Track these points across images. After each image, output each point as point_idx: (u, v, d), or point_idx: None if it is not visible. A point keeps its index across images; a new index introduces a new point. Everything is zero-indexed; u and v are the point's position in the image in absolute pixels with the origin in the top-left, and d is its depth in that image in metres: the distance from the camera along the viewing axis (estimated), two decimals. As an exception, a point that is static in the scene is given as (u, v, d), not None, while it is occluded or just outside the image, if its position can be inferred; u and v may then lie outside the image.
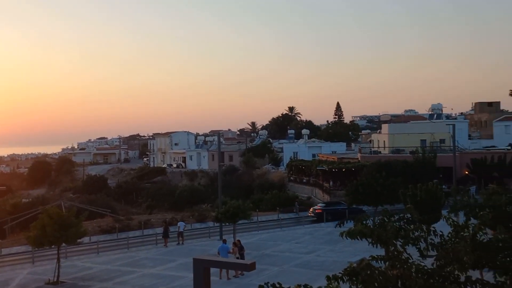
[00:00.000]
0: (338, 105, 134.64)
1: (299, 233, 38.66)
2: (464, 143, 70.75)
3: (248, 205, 35.66)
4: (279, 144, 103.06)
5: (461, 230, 15.76)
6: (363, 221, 18.30)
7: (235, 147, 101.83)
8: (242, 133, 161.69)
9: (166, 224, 37.62)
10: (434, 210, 28.30)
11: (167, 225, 37.44)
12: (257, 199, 60.05)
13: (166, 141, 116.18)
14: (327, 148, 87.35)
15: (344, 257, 28.25)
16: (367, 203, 37.99)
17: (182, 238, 36.62)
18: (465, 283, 11.59)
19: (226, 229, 37.32)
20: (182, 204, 63.96)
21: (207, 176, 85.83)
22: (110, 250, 35.45)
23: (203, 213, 49.30)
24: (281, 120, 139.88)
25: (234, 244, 27.70)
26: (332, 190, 56.84)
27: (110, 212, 52.47)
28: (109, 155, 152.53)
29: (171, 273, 27.69)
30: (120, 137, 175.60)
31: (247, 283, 23.81)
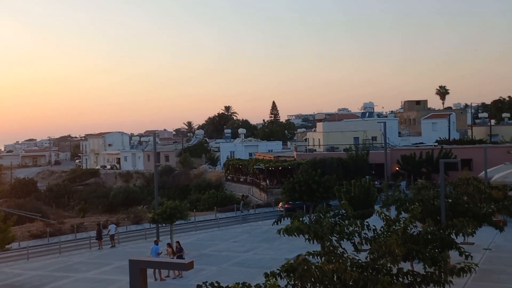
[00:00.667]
0: (274, 104, 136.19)
1: (237, 232, 38.76)
2: (395, 140, 73.51)
3: (185, 205, 35.34)
4: (216, 143, 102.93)
5: (392, 224, 16.36)
6: (299, 218, 18.61)
7: (171, 147, 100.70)
8: (178, 133, 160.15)
9: (99, 227, 36.89)
10: (367, 205, 29.22)
11: (100, 227, 36.72)
12: (194, 199, 59.72)
13: (99, 142, 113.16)
14: (263, 147, 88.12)
15: (281, 254, 28.59)
16: (303, 200, 38.67)
17: (113, 241, 36.03)
18: (397, 274, 12.05)
19: (163, 230, 36.80)
20: (117, 206, 62.59)
21: (142, 177, 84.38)
22: (41, 256, 34.09)
23: (139, 214, 48.43)
24: (217, 119, 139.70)
25: (168, 245, 27.40)
26: (269, 188, 57.38)
27: (40, 216, 50.46)
28: (39, 157, 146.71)
29: (107, 277, 26.99)
30: (50, 139, 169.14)
31: (185, 283, 23.61)
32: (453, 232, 18.30)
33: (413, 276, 12.26)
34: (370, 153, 57.41)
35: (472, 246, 25.56)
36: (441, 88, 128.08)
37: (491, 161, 41.14)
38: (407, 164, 57.83)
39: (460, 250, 16.26)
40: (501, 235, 26.09)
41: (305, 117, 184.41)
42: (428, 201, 23.18)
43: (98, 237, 35.55)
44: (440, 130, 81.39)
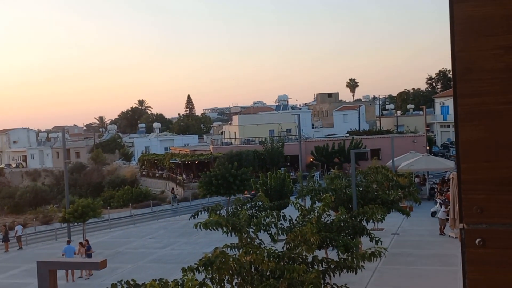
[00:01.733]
0: (189, 98, 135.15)
1: (153, 228, 38.09)
2: (308, 132, 75.45)
3: (98, 203, 34.32)
4: (130, 138, 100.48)
5: (307, 213, 16.77)
6: (216, 211, 18.57)
7: (82, 143, 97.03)
8: (89, 128, 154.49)
9: (6, 228, 34.91)
10: (283, 196, 29.78)
11: (6, 229, 34.77)
12: (108, 196, 58.02)
13: (2, 139, 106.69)
14: (179, 141, 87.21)
15: (199, 248, 28.45)
16: (221, 194, 38.67)
17: (21, 242, 34.40)
18: (312, 262, 12.36)
19: (75, 229, 35.40)
20: (24, 206, 59.40)
21: (52, 175, 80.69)
22: None
23: (49, 214, 46.29)
24: (131, 113, 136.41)
25: (81, 244, 26.44)
26: (186, 182, 56.92)
27: None
28: None
29: (15, 281, 25.53)
30: None
31: (98, 283, 22.86)
32: (364, 219, 19.08)
33: (327, 263, 12.63)
34: (285, 145, 58.53)
35: (381, 231, 26.81)
36: (351, 81, 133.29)
37: (398, 150, 43.37)
38: (321, 155, 59.58)
39: (371, 236, 16.98)
40: (408, 220, 27.62)
41: (221, 111, 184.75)
42: (341, 190, 24.01)
43: (5, 239, 33.73)
44: (351, 122, 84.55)
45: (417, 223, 30.49)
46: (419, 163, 38.53)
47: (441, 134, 78.79)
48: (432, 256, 23.32)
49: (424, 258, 23.17)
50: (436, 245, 25.46)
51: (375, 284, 19.61)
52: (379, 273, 20.82)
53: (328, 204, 16.54)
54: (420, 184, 39.67)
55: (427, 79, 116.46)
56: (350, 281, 13.95)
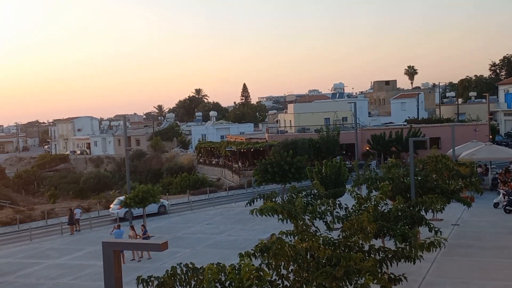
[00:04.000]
0: (244, 87, 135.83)
1: (210, 214, 38.80)
2: (365, 120, 74.35)
3: (157, 189, 35.20)
4: (187, 126, 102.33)
5: (364, 202, 16.62)
6: (272, 198, 18.70)
7: (142, 131, 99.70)
8: (148, 116, 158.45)
9: (72, 212, 36.50)
10: (339, 184, 29.56)
11: (72, 212, 36.33)
12: (166, 182, 59.48)
13: (68, 127, 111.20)
14: (235, 129, 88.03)
15: (254, 234, 28.78)
16: (276, 181, 38.85)
17: (78, 225, 36.04)
18: (369, 251, 12.27)
19: (136, 214, 36.61)
20: (88, 191, 61.91)
21: (113, 161, 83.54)
22: (11, 243, 33.55)
23: (111, 199, 47.97)
24: (188, 102, 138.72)
25: (131, 227, 27.32)
26: (241, 170, 57.51)
27: (9, 203, 49.58)
28: (6, 143, 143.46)
29: (79, 262, 26.77)
30: (18, 124, 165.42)
31: (159, 266, 23.58)
32: (423, 208, 18.69)
33: (384, 252, 12.51)
34: (341, 134, 57.94)
35: (441, 222, 26.18)
36: (409, 68, 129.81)
37: (458, 139, 42.00)
38: (377, 143, 58.60)
39: (430, 226, 16.63)
40: (469, 211, 26.78)
41: (276, 99, 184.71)
42: (398, 179, 23.58)
43: (70, 222, 35.39)
44: (409, 110, 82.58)
45: (479, 214, 29.56)
46: (481, 152, 37.22)
47: (504, 122, 75.69)
48: (493, 248, 22.59)
49: (485, 250, 22.48)
50: (498, 237, 24.62)
51: (433, 275, 19.24)
52: (437, 264, 20.40)
53: (385, 193, 16.34)
54: (482, 174, 38.36)
55: (491, 66, 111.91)
56: (408, 271, 13.76)
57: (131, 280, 11.69)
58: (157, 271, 11.42)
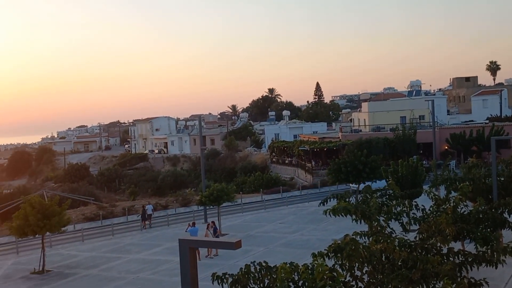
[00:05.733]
0: (317, 86, 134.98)
1: (283, 213, 38.94)
2: (443, 119, 71.62)
3: (231, 188, 35.72)
4: (260, 126, 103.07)
5: (442, 203, 16.03)
6: (345, 198, 18.48)
7: (217, 130, 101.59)
8: (223, 116, 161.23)
9: (144, 208, 38.91)
10: (415, 185, 28.70)
11: (144, 209, 38.80)
12: (240, 181, 60.21)
13: (147, 127, 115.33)
14: (308, 129, 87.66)
15: (328, 235, 28.58)
16: (350, 181, 38.33)
17: (150, 220, 38.35)
18: (447, 254, 11.84)
19: (211, 212, 37.42)
20: (166, 189, 63.86)
21: (189, 160, 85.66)
22: (95, 238, 35.34)
23: (187, 197, 49.31)
24: (261, 102, 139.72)
25: (209, 225, 27.89)
26: (314, 170, 57.20)
27: (93, 200, 52.16)
28: (90, 143, 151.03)
29: (157, 258, 27.75)
30: (100, 125, 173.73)
31: (233, 264, 23.98)
32: (506, 211, 17.78)
33: (464, 255, 12.02)
34: (418, 132, 56.20)
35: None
36: (491, 64, 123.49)
37: (546, 138, 39.52)
38: (457, 142, 56.32)
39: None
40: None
41: (350, 98, 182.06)
42: (479, 180, 22.54)
43: (143, 218, 37.68)
44: (491, 107, 78.68)
45: None
46: None
47: None
48: None
49: None
50: None
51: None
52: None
53: (465, 194, 15.69)
54: None
55: None
56: (490, 276, 13.15)
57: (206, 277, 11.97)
58: (231, 269, 11.62)
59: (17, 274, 26.72)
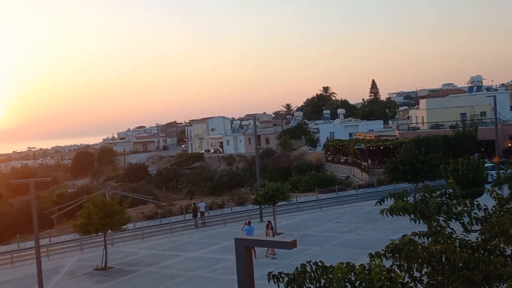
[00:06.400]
0: (373, 83, 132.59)
1: (339, 213, 38.59)
2: (506, 115, 68.73)
3: (286, 187, 35.77)
4: (315, 125, 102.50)
5: (505, 203, 15.42)
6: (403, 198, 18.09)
7: (271, 130, 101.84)
8: (277, 115, 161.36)
9: (195, 206, 40.14)
10: (477, 184, 27.75)
11: (196, 206, 40.10)
12: (295, 180, 60.14)
13: (202, 127, 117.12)
14: (363, 127, 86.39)
15: (385, 234, 28.10)
16: (407, 180, 37.52)
17: (203, 217, 39.67)
18: (511, 255, 11.39)
19: (266, 211, 37.59)
20: (221, 188, 64.65)
21: (244, 160, 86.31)
22: (154, 236, 36.26)
23: (243, 196, 49.71)
24: (316, 100, 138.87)
25: (268, 225, 27.96)
26: (370, 168, 56.33)
27: (152, 199, 53.53)
28: (148, 143, 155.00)
29: (214, 256, 28.16)
30: (158, 125, 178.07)
31: (289, 263, 24.01)
32: None
33: (530, 257, 11.53)
34: (479, 130, 54.25)
35: None
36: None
37: None
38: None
39: None
40: None
41: (407, 95, 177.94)
42: (546, 179, 21.50)
43: (194, 215, 38.99)
44: (560, 102, 74.84)
45: None
46: None
47: None
48: None
49: None
50: None
51: None
52: None
53: (530, 194, 15.04)
54: None
55: None
56: (558, 280, 12.55)
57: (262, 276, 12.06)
58: (287, 268, 11.64)
59: (81, 270, 27.81)
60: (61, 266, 29.11)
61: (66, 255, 32.41)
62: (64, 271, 28.00)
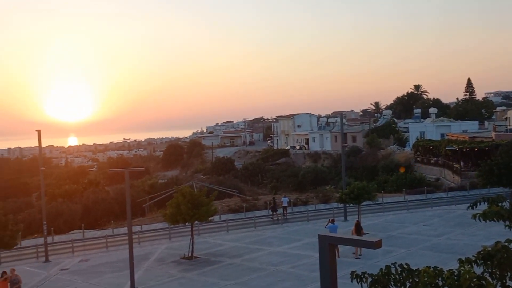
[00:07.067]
0: (469, 81, 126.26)
1: (427, 215, 37.30)
2: None
3: (372, 186, 35.10)
4: (404, 124, 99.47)
5: None
6: (498, 202, 17.20)
7: (358, 128, 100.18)
8: (365, 113, 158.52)
9: (274, 201, 41.36)
10: None
11: (274, 200, 41.40)
12: (382, 180, 58.82)
13: (289, 123, 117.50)
14: (457, 127, 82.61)
15: (476, 240, 26.84)
16: (502, 184, 35.53)
17: (286, 212, 40.38)
18: None
19: (350, 210, 37.15)
20: (306, 185, 64.59)
21: (330, 157, 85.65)
22: (238, 229, 37.01)
23: (327, 194, 49.40)
24: (406, 99, 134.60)
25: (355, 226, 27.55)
26: (463, 171, 53.85)
27: (237, 193, 54.60)
28: (235, 138, 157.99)
29: (297, 252, 28.27)
30: (245, 121, 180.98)
31: (373, 263, 23.61)
32: None
33: None
34: None
35: None
36: None
37: None
38: None
39: None
40: None
41: (506, 94, 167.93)
42: None
43: (274, 210, 39.96)
44: None
45: None
46: None
47: None
48: None
49: None
50: None
51: None
52: None
53: None
54: None
55: None
56: None
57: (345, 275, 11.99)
58: (371, 268, 11.49)
59: (169, 258, 29.01)
60: (151, 253, 30.54)
61: (155, 243, 33.94)
62: (153, 257, 29.36)
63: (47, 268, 28.33)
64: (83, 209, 49.88)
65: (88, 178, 69.82)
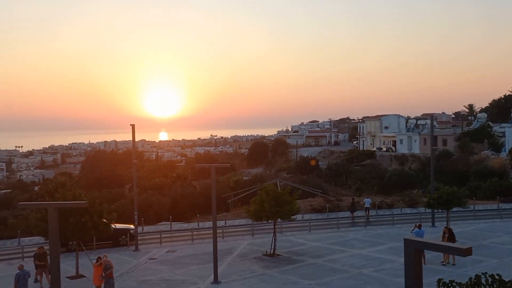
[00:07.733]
0: None
1: (524, 226, 35.13)
2: None
3: (463, 192, 33.63)
4: (501, 128, 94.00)
5: None
6: None
7: (450, 131, 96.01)
8: (457, 116, 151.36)
9: (353, 202, 41.63)
10: None
11: (353, 202, 41.61)
12: (473, 186, 56.07)
13: (375, 124, 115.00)
14: (561, 132, 76.90)
15: None
16: None
17: (368, 213, 40.14)
18: None
19: (438, 216, 35.83)
20: (391, 188, 62.94)
21: (418, 160, 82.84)
22: (321, 229, 36.84)
23: (414, 198, 47.90)
24: (503, 101, 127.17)
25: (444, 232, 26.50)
26: None
27: (321, 192, 54.29)
28: (320, 137, 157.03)
29: (381, 256, 27.70)
30: (331, 121, 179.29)
31: (461, 272, 22.62)
32: None
33: None
34: None
35: None
36: None
37: None
38: None
39: None
40: None
41: None
42: None
43: (353, 211, 40.21)
44: None
45: None
46: None
47: None
48: None
49: None
50: None
51: None
52: None
53: None
54: None
55: None
56: None
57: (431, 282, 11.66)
58: (458, 277, 11.07)
59: (252, 254, 29.48)
60: (234, 248, 31.19)
61: (238, 238, 34.60)
62: (236, 252, 29.96)
63: (137, 257, 29.79)
64: (171, 202, 51.89)
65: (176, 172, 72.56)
